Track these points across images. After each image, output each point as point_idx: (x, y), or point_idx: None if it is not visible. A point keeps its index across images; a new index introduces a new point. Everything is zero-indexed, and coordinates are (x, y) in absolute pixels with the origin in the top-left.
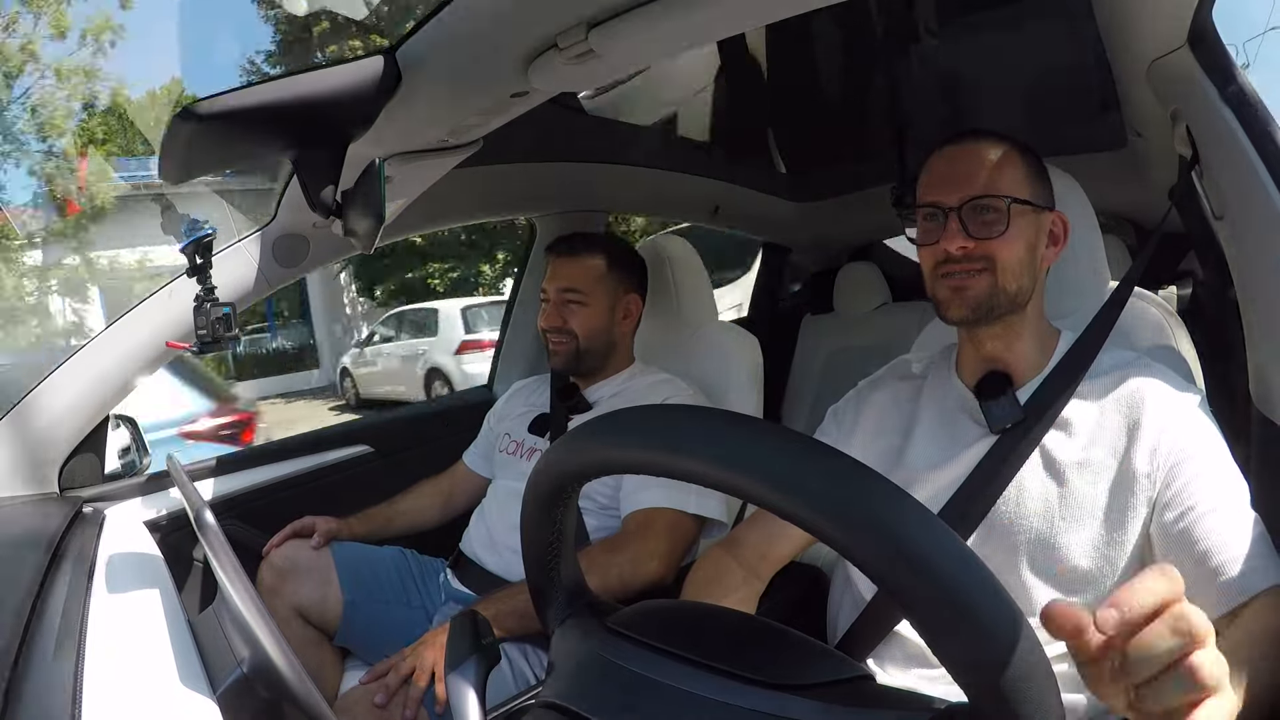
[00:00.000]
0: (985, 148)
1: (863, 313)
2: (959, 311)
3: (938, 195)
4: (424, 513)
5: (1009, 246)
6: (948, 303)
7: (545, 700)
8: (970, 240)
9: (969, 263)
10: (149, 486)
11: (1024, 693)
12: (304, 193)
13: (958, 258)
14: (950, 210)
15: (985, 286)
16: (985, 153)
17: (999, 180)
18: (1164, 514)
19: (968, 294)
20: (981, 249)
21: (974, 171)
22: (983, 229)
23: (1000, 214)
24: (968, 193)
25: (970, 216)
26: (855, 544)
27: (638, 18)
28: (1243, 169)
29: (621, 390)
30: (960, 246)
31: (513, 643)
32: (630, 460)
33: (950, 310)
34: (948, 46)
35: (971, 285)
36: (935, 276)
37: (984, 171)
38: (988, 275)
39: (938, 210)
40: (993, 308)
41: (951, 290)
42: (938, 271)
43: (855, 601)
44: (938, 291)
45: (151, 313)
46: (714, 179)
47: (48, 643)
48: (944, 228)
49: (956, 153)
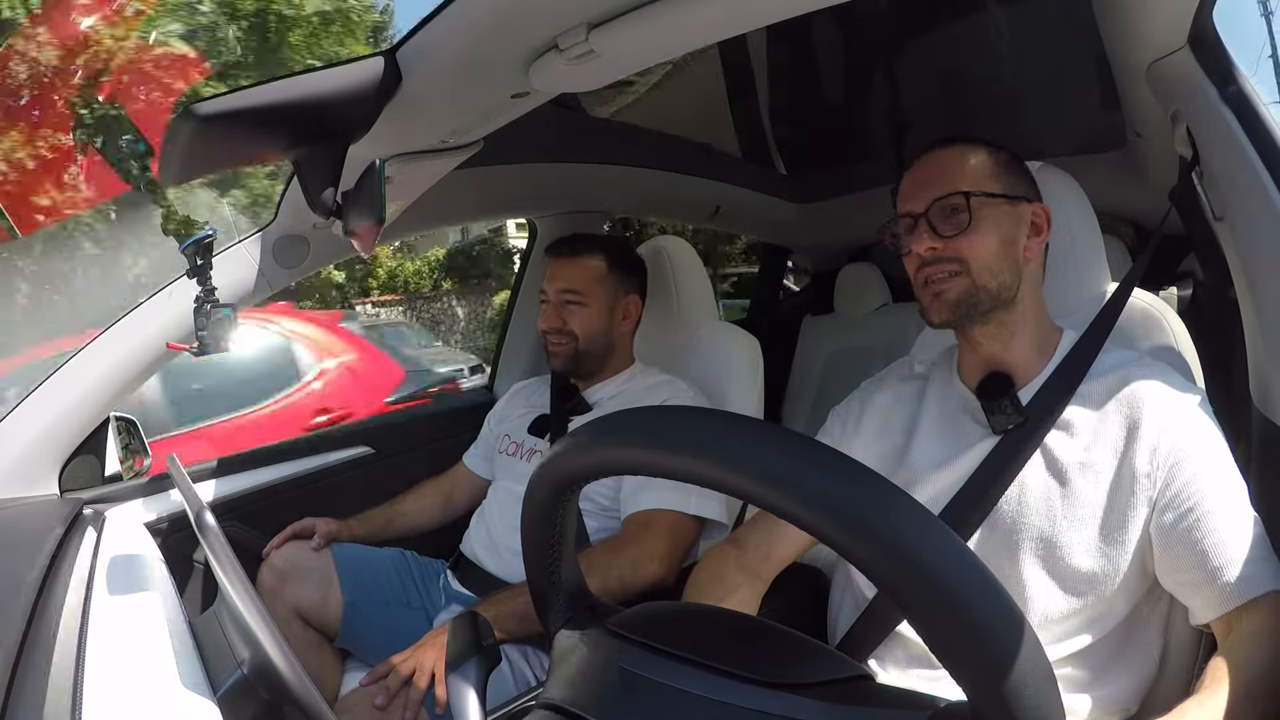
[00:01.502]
0: (950, 153)
1: (863, 313)
2: (940, 314)
3: (909, 205)
4: (424, 514)
5: (979, 241)
6: (929, 308)
7: (546, 702)
8: (938, 240)
9: (941, 264)
10: (149, 488)
11: (1025, 694)
12: (304, 194)
13: (929, 259)
14: (919, 216)
15: (962, 287)
16: (949, 157)
17: (959, 179)
18: (1164, 514)
19: (945, 297)
20: (950, 248)
21: (938, 176)
22: (949, 228)
23: (963, 211)
24: (932, 195)
25: (938, 218)
26: (854, 545)
27: (638, 19)
28: (1243, 170)
29: (621, 391)
30: (929, 248)
31: (513, 644)
32: (630, 461)
33: (932, 314)
34: (948, 47)
35: (948, 288)
36: (917, 284)
37: (947, 174)
38: (963, 277)
39: (910, 218)
40: (975, 305)
41: (931, 296)
42: (918, 279)
43: (856, 602)
44: (920, 298)
45: (152, 314)
46: (714, 180)
47: (48, 645)
48: (915, 233)
49: (924, 162)
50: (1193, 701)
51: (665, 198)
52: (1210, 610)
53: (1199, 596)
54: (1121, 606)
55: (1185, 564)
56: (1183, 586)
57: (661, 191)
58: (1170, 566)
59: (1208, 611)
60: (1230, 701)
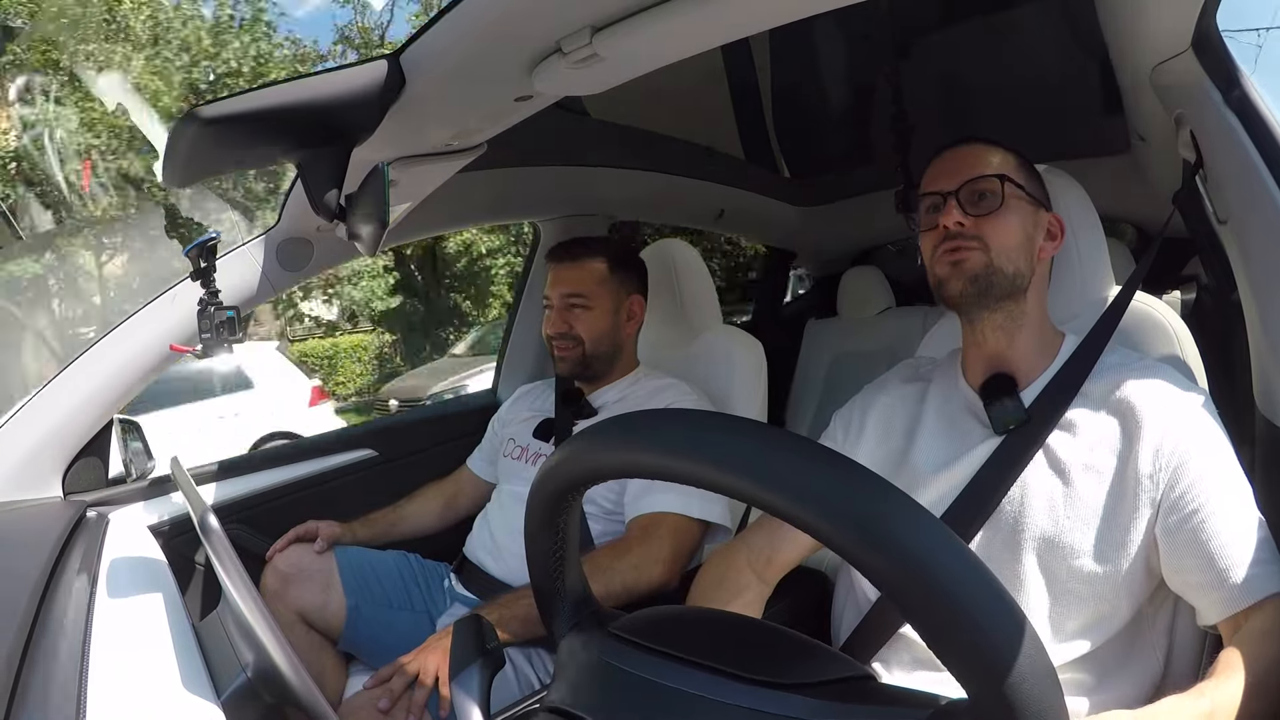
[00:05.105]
0: (981, 146)
1: (866, 317)
2: (958, 284)
3: (938, 185)
4: (428, 517)
5: (1003, 226)
6: (947, 278)
7: (550, 705)
8: (967, 217)
9: (964, 239)
10: (153, 491)
11: (1028, 696)
12: (308, 197)
13: (954, 233)
14: (949, 194)
15: (982, 262)
16: (981, 149)
17: (993, 165)
18: (1169, 516)
19: (965, 265)
20: (976, 227)
21: (971, 162)
22: (978, 208)
23: (995, 195)
24: (965, 176)
25: (967, 199)
26: (856, 549)
27: (642, 22)
28: (1246, 173)
29: (626, 395)
30: (957, 221)
31: (517, 647)
32: (633, 465)
33: (951, 284)
34: (952, 51)
35: (968, 257)
36: (934, 258)
37: (980, 161)
38: (983, 254)
39: (938, 196)
40: (990, 285)
41: (950, 265)
42: (936, 252)
43: (859, 605)
44: (937, 269)
45: (155, 316)
46: (718, 184)
47: (52, 647)
48: (943, 209)
49: (956, 152)
50: (1209, 683)
51: (669, 201)
52: (1217, 611)
53: (1206, 598)
54: (1125, 608)
55: (1191, 566)
56: (1189, 588)
57: (665, 195)
58: (1176, 568)
59: (1215, 613)
60: (1246, 688)
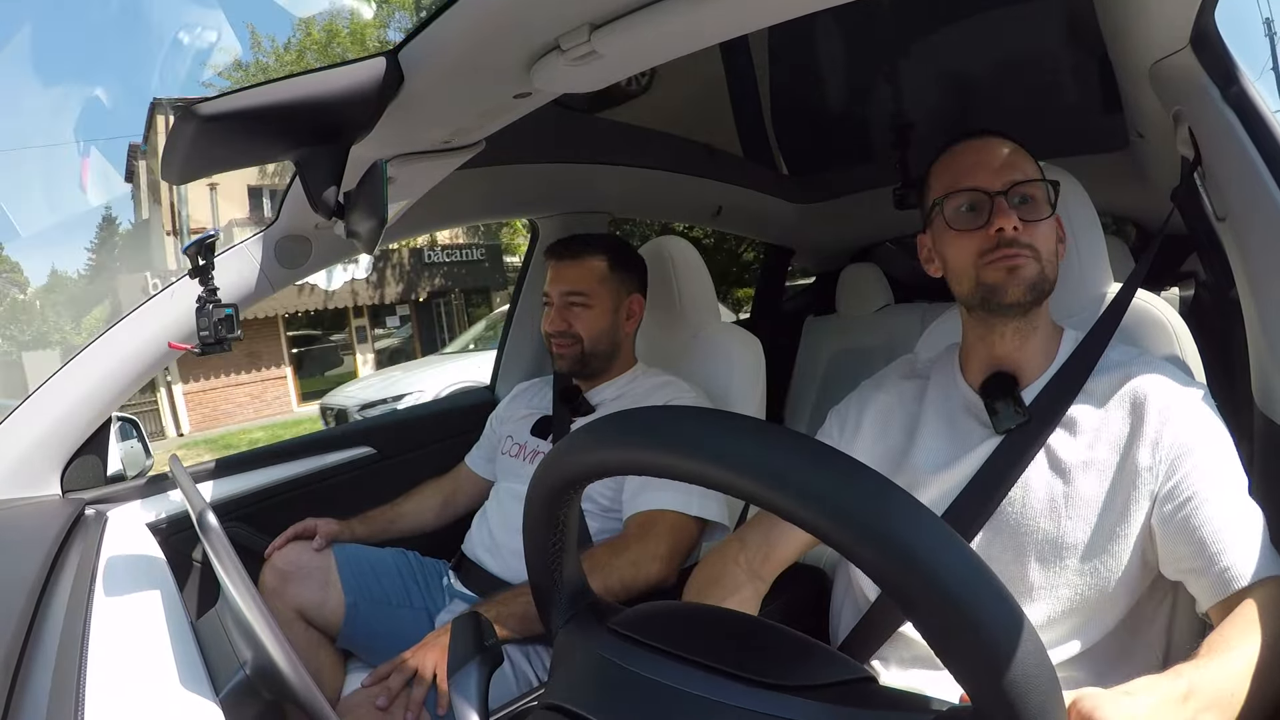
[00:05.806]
0: (1008, 144)
1: (865, 314)
2: (1016, 291)
3: (978, 181)
4: (426, 515)
5: (1047, 234)
6: (1004, 284)
7: (548, 702)
8: (1021, 222)
9: (1020, 246)
10: (151, 488)
11: (1028, 695)
12: (306, 194)
13: (1010, 239)
14: (996, 194)
15: (1036, 270)
16: (1014, 148)
17: (1034, 170)
18: (1164, 505)
19: (1023, 273)
20: (1028, 233)
21: (1010, 162)
22: (1028, 213)
23: (1043, 203)
24: (1010, 178)
25: (1015, 202)
26: (856, 545)
27: (640, 19)
28: (1245, 170)
29: (624, 392)
30: (1015, 225)
31: (515, 645)
32: (631, 462)
33: (1008, 291)
34: (950, 48)
35: (1023, 264)
36: (982, 263)
37: (1019, 164)
38: (1035, 261)
39: (980, 194)
40: (1040, 294)
41: (1006, 271)
42: (985, 258)
43: (858, 603)
44: (988, 276)
45: (154, 314)
46: (716, 181)
47: (50, 645)
48: (991, 211)
49: (982, 145)
50: (1189, 664)
51: (667, 198)
52: (1207, 597)
53: (1197, 583)
54: (1124, 603)
55: (1185, 553)
56: (1184, 574)
57: (663, 192)
58: (1171, 555)
59: (1205, 598)
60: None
